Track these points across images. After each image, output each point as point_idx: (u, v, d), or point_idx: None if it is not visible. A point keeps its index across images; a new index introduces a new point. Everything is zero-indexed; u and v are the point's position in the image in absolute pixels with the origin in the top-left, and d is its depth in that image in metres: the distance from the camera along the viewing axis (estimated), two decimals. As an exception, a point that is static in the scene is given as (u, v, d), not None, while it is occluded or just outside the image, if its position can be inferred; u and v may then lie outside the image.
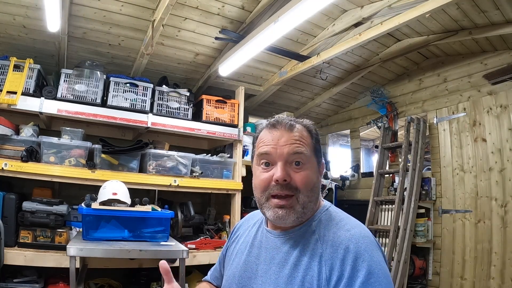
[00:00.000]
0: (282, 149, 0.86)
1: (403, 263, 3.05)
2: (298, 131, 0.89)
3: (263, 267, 0.91)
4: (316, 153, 0.91)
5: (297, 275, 0.82)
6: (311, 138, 0.92)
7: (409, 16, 2.38)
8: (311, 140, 0.91)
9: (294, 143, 0.87)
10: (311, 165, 0.89)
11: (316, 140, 0.93)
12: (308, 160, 0.88)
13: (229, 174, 3.32)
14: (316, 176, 0.90)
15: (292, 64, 3.46)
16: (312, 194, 0.88)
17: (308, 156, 0.88)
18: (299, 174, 0.86)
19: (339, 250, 0.80)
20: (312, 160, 0.89)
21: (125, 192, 2.46)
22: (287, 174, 0.85)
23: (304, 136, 0.90)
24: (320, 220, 0.89)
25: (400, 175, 3.39)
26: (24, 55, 2.81)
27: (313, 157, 0.90)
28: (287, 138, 0.87)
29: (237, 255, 1.02)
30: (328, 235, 0.85)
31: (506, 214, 2.88)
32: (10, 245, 2.36)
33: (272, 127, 0.91)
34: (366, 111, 4.36)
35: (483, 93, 3.19)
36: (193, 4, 2.62)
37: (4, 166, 2.39)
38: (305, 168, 0.87)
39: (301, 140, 0.88)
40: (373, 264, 0.77)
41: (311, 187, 0.87)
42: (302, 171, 0.86)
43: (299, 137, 0.88)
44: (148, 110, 3.02)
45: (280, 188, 0.85)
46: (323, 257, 0.81)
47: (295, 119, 0.94)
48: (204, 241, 3.07)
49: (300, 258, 0.85)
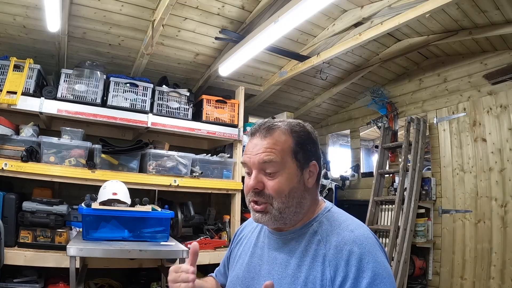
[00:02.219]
0: (254, 159, 0.88)
1: (403, 263, 3.05)
2: (272, 138, 0.88)
3: (266, 267, 0.92)
4: (296, 155, 0.88)
5: (300, 276, 0.83)
6: (292, 140, 0.89)
7: (409, 16, 2.37)
8: (290, 143, 0.89)
9: (264, 152, 0.87)
10: (286, 170, 0.87)
11: (298, 142, 0.90)
12: (281, 167, 0.87)
13: (229, 174, 3.32)
14: (294, 181, 0.88)
15: (292, 64, 3.46)
16: (290, 199, 0.87)
17: (280, 162, 0.86)
18: (271, 182, 0.87)
19: (343, 251, 0.81)
20: (288, 165, 0.87)
21: (125, 192, 2.46)
22: (258, 182, 0.88)
23: (279, 142, 0.88)
24: (321, 221, 0.90)
25: (400, 175, 3.39)
26: (24, 55, 2.81)
27: (291, 161, 0.88)
28: (260, 147, 0.88)
29: (241, 256, 1.03)
30: (331, 236, 0.85)
31: (506, 214, 2.88)
32: (10, 245, 2.36)
33: (252, 135, 0.93)
34: (366, 111, 4.36)
35: (483, 93, 3.18)
36: (193, 4, 2.62)
37: (4, 166, 2.39)
38: (277, 176, 0.87)
39: (273, 148, 0.87)
40: (377, 265, 0.78)
41: (287, 193, 0.87)
42: (274, 179, 0.87)
43: (272, 144, 0.87)
44: (148, 110, 3.02)
45: (254, 195, 0.89)
46: (327, 257, 0.82)
47: (279, 120, 0.93)
48: (204, 241, 3.07)
49: (302, 258, 0.85)
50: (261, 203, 0.88)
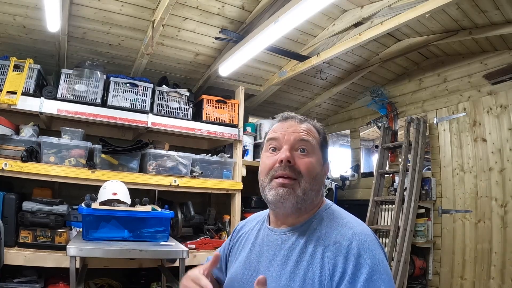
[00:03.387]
0: (289, 135, 0.92)
1: (403, 263, 3.05)
2: (307, 125, 0.96)
3: (265, 264, 0.92)
4: (322, 149, 0.96)
5: (298, 272, 0.84)
6: (319, 135, 0.97)
7: (409, 16, 2.37)
8: (318, 136, 0.96)
9: (302, 132, 0.93)
10: (316, 156, 0.92)
11: (324, 138, 0.98)
12: (313, 151, 0.92)
13: (229, 174, 3.32)
14: (320, 168, 0.93)
15: (292, 64, 3.46)
16: (315, 182, 0.90)
17: (314, 146, 0.93)
18: (303, 160, 0.90)
19: (342, 247, 0.81)
20: (317, 153, 0.93)
21: (125, 192, 2.46)
22: (291, 157, 0.89)
23: (312, 130, 0.96)
24: (321, 218, 0.91)
25: (400, 175, 3.39)
26: (24, 55, 2.81)
27: (319, 151, 0.94)
28: (295, 127, 0.94)
29: (240, 253, 1.03)
30: (330, 233, 0.86)
31: (506, 214, 2.88)
32: (10, 245, 2.36)
33: (284, 119, 0.98)
34: (366, 111, 4.36)
35: (483, 93, 3.18)
36: (193, 4, 2.62)
37: (4, 166, 2.39)
38: (310, 156, 0.91)
39: (309, 132, 0.94)
40: (375, 261, 0.78)
41: (314, 175, 0.90)
42: (306, 158, 0.90)
43: (307, 129, 0.94)
44: (148, 110, 3.02)
45: (283, 169, 0.88)
46: (326, 254, 0.83)
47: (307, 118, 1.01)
48: (204, 241, 3.07)
49: (302, 255, 0.86)
50: (289, 178, 0.88)
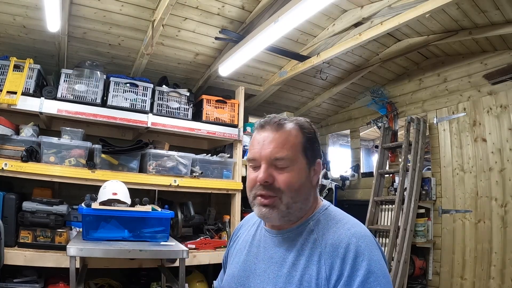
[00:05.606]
0: (265, 152, 0.87)
1: (403, 263, 3.05)
2: (285, 132, 0.89)
3: (261, 266, 0.91)
4: (305, 152, 0.89)
5: (295, 274, 0.83)
6: (302, 136, 0.90)
7: (409, 16, 2.37)
8: (301, 139, 0.89)
9: (277, 147, 0.87)
10: (297, 166, 0.88)
11: (309, 138, 0.91)
12: (293, 162, 0.87)
13: (229, 174, 3.32)
14: (303, 176, 0.88)
15: (292, 64, 3.46)
16: (298, 195, 0.87)
17: (292, 157, 0.87)
18: (282, 176, 0.86)
19: (339, 249, 0.80)
20: (299, 161, 0.88)
21: (125, 192, 2.46)
22: (269, 176, 0.86)
23: (291, 136, 0.89)
24: (318, 219, 0.90)
25: (400, 175, 3.39)
26: (24, 55, 2.81)
27: (301, 157, 0.89)
28: (271, 139, 0.88)
29: (237, 254, 1.03)
30: (327, 234, 0.85)
31: (506, 214, 2.88)
32: (10, 245, 2.36)
33: (261, 128, 0.92)
34: (366, 111, 4.36)
35: (483, 93, 3.18)
36: (193, 4, 2.62)
37: (4, 166, 2.39)
38: (289, 170, 0.87)
39: (286, 142, 0.88)
40: (372, 263, 0.77)
41: (296, 188, 0.87)
42: (285, 173, 0.86)
43: (284, 139, 0.88)
44: (148, 110, 3.02)
45: (263, 189, 0.87)
46: (323, 256, 0.82)
47: (288, 117, 0.94)
48: (204, 241, 3.07)
49: (298, 257, 0.85)
50: (269, 196, 0.87)
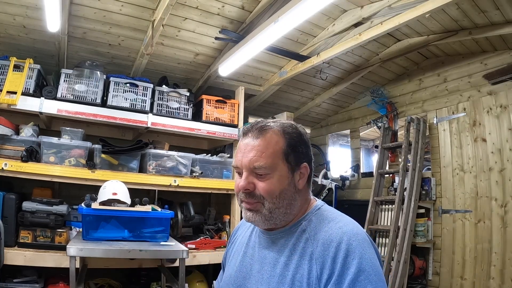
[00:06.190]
0: (245, 160, 0.88)
1: (403, 263, 3.05)
2: (265, 139, 0.88)
3: (256, 266, 0.92)
4: (287, 158, 0.88)
5: (287, 274, 0.83)
6: (284, 142, 0.89)
7: (409, 16, 2.37)
8: (282, 145, 0.88)
9: (255, 156, 0.87)
10: (277, 173, 0.87)
11: (290, 144, 0.89)
12: (272, 169, 0.87)
13: (229, 174, 3.32)
14: (285, 183, 0.88)
15: (292, 64, 3.46)
16: (280, 201, 0.88)
17: (271, 165, 0.87)
18: (262, 183, 0.87)
19: (330, 248, 0.80)
20: (278, 168, 0.87)
21: (125, 192, 2.46)
22: (249, 183, 0.88)
23: (271, 144, 0.88)
24: (310, 219, 0.90)
25: (400, 175, 3.38)
26: (24, 55, 2.81)
27: (282, 163, 0.88)
28: (251, 147, 0.88)
29: (234, 255, 1.04)
30: (319, 234, 0.85)
31: (506, 214, 2.88)
32: (10, 245, 2.36)
33: (244, 135, 0.93)
34: (366, 111, 4.36)
35: (483, 93, 3.18)
36: (193, 4, 2.62)
37: (4, 166, 2.40)
38: (269, 177, 0.87)
39: (264, 150, 0.87)
40: (363, 261, 0.77)
41: (277, 195, 0.87)
42: (265, 180, 0.87)
43: (263, 147, 0.87)
44: (148, 110, 3.02)
45: (245, 196, 0.90)
46: (314, 255, 0.82)
47: (272, 121, 0.93)
48: (204, 241, 3.07)
49: (290, 257, 0.86)
50: (252, 202, 0.89)
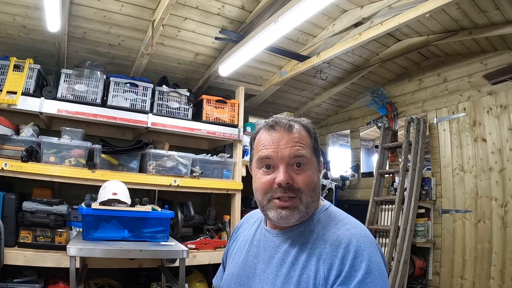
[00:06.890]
0: (283, 152, 0.86)
1: (403, 263, 3.05)
2: (297, 132, 0.89)
3: (261, 266, 0.91)
4: (315, 152, 0.91)
5: (294, 274, 0.83)
6: (310, 137, 0.91)
7: (409, 16, 2.38)
8: (310, 140, 0.91)
9: (295, 145, 0.86)
10: (312, 165, 0.89)
11: (315, 139, 0.93)
12: (309, 161, 0.88)
13: (229, 174, 3.32)
14: (317, 176, 0.90)
15: (292, 64, 3.46)
16: (314, 193, 0.88)
17: (309, 157, 0.88)
18: (301, 176, 0.86)
19: (339, 249, 0.80)
20: (312, 160, 0.89)
21: (125, 192, 2.46)
22: (289, 177, 0.85)
23: (303, 137, 0.89)
24: (319, 219, 0.89)
25: (400, 175, 3.39)
26: (24, 55, 2.81)
27: (313, 157, 0.90)
28: (287, 140, 0.87)
29: (236, 253, 1.02)
30: (327, 234, 0.85)
31: (506, 214, 2.88)
32: (10, 245, 2.36)
33: (271, 128, 0.89)
34: (366, 111, 4.36)
35: (483, 93, 3.18)
36: (193, 4, 2.62)
37: (4, 166, 2.39)
38: (307, 169, 0.87)
39: (301, 142, 0.88)
40: (371, 264, 0.77)
41: (313, 187, 0.88)
42: (304, 173, 0.86)
43: (299, 138, 0.88)
44: (148, 110, 3.02)
45: (282, 191, 0.85)
46: (322, 256, 0.81)
47: (293, 118, 0.94)
48: (204, 241, 3.07)
49: (297, 257, 0.85)
50: (290, 198, 0.85)
